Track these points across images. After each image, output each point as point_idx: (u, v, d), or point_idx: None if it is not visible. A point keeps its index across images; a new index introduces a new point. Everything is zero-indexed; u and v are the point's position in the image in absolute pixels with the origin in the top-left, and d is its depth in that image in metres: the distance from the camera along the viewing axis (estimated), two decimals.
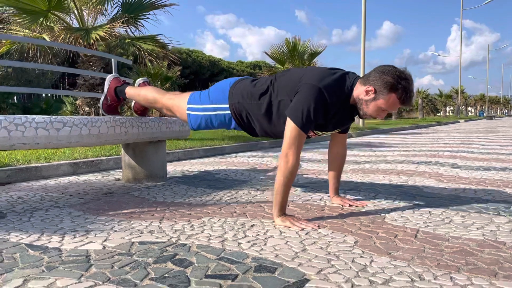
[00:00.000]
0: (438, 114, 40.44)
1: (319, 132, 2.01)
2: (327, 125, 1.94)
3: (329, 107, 1.83)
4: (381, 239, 1.61)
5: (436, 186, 2.81)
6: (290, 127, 1.80)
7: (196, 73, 34.51)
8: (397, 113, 23.19)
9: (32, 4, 5.29)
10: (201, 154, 4.95)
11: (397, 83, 1.78)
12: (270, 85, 1.97)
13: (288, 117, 1.82)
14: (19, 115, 2.10)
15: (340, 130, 2.11)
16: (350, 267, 1.32)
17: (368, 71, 1.91)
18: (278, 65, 10.69)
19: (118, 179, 3.11)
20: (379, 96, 1.81)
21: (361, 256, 1.42)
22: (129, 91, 2.51)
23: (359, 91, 1.86)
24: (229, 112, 2.06)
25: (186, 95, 2.23)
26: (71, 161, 3.47)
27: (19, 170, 3.09)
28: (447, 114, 38.31)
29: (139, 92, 2.45)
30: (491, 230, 1.73)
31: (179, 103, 2.23)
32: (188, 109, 2.18)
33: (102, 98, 2.63)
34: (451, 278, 1.23)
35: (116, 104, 2.66)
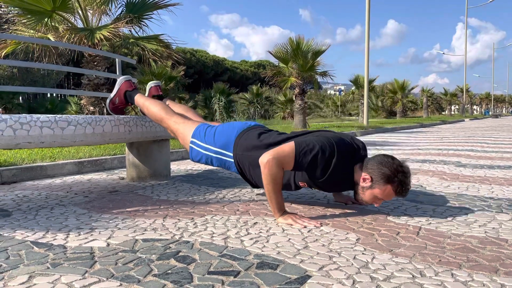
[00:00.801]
0: (443, 112, 40.30)
1: (315, 188, 2.04)
2: (325, 187, 1.99)
3: (331, 168, 1.81)
4: (383, 237, 1.62)
5: (440, 184, 2.80)
6: (286, 146, 1.82)
7: (200, 73, 34.60)
8: (402, 112, 23.14)
9: (36, 4, 5.33)
10: None
11: (394, 175, 1.79)
12: (278, 143, 1.94)
13: (292, 141, 1.84)
14: (24, 114, 2.12)
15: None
16: (352, 264, 1.32)
17: (369, 158, 1.91)
18: (282, 64, 10.69)
19: (123, 178, 3.13)
20: (375, 185, 1.82)
21: (362, 253, 1.43)
22: (139, 100, 2.51)
23: (357, 175, 1.88)
24: (231, 160, 2.08)
25: (192, 126, 2.23)
26: (76, 160, 3.50)
27: (24, 169, 3.12)
28: (452, 112, 38.16)
29: (149, 106, 2.42)
30: (494, 228, 1.73)
31: (184, 131, 2.24)
32: (192, 142, 2.19)
33: (111, 97, 2.63)
34: (452, 274, 1.24)
35: (123, 106, 2.68)
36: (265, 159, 1.79)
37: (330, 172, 1.82)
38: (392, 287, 1.15)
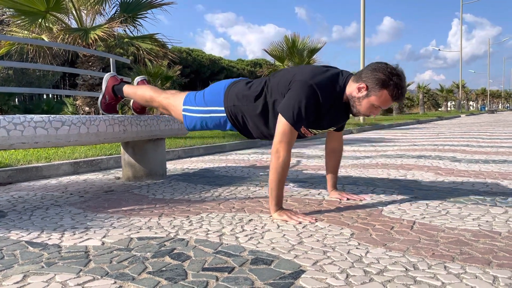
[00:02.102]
0: (439, 109, 40.39)
1: (314, 131, 2.01)
2: (321, 123, 1.95)
3: (321, 105, 1.84)
4: (377, 231, 1.62)
5: (434, 179, 2.82)
6: (281, 123, 1.82)
7: (196, 72, 34.54)
8: (398, 108, 23.17)
9: (30, 5, 5.31)
10: (201, 152, 4.97)
11: (389, 79, 1.79)
12: (265, 86, 1.98)
13: (279, 113, 1.83)
14: (18, 115, 2.12)
15: (335, 128, 2.12)
16: (346, 258, 1.33)
17: (362, 69, 1.92)
18: (277, 63, 10.69)
19: (118, 178, 3.13)
20: (371, 93, 1.82)
21: (357, 248, 1.43)
22: (127, 89, 2.53)
23: (351, 88, 1.87)
24: (224, 115, 2.08)
25: (182, 95, 2.24)
26: (71, 161, 3.49)
27: (20, 170, 3.11)
28: (449, 108, 38.25)
29: (136, 90, 2.46)
30: (487, 221, 1.74)
31: (175, 103, 2.24)
32: (184, 110, 2.19)
33: (101, 97, 2.64)
34: (445, 267, 1.25)
35: (115, 102, 2.67)
36: (274, 150, 1.81)
37: (322, 109, 1.84)
38: (385, 280, 1.16)
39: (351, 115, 2.00)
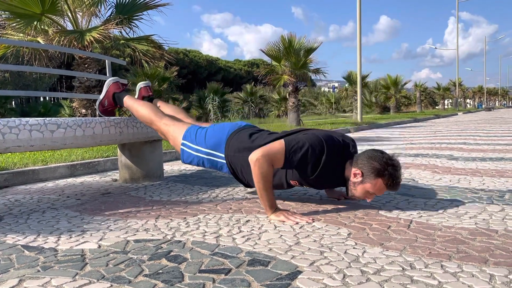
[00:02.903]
0: (436, 107, 40.48)
1: (306, 186, 2.04)
2: (316, 184, 1.99)
3: (321, 165, 1.82)
4: (374, 231, 1.62)
5: (432, 177, 2.82)
6: (276, 144, 1.83)
7: (193, 73, 34.52)
8: (395, 107, 23.21)
9: (25, 8, 5.29)
10: None
11: (384, 169, 1.80)
12: (271, 141, 1.95)
13: (282, 139, 1.85)
14: (13, 118, 2.11)
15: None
16: (343, 259, 1.33)
17: (359, 154, 1.91)
18: (274, 62, 10.69)
19: (115, 180, 3.12)
20: (366, 180, 1.83)
21: (353, 248, 1.43)
22: (128, 102, 2.49)
23: (348, 171, 1.89)
24: (223, 161, 2.08)
25: (183, 127, 2.22)
26: (68, 163, 3.48)
27: (16, 174, 3.10)
28: (446, 107, 38.32)
29: (137, 108, 2.40)
30: (484, 219, 1.75)
31: (174, 133, 2.22)
32: (183, 144, 2.18)
33: (99, 100, 2.62)
34: (442, 266, 1.25)
35: (112, 108, 2.66)
36: (255, 157, 1.79)
37: (320, 169, 1.83)
38: (382, 280, 1.16)
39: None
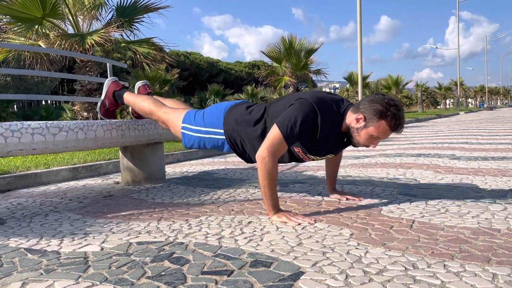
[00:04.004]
0: (438, 107, 40.41)
1: (312, 156, 2.01)
2: (320, 150, 1.95)
3: (319, 128, 1.82)
4: (376, 231, 1.62)
5: (434, 177, 2.82)
6: (272, 132, 1.81)
7: (194, 75, 34.55)
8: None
9: (26, 12, 5.31)
10: (200, 155, 4.96)
11: (386, 110, 1.79)
12: (265, 112, 1.98)
13: (275, 124, 1.83)
14: (15, 121, 2.12)
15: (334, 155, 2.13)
16: (345, 259, 1.33)
17: (360, 100, 1.92)
18: (275, 64, 10.70)
19: (117, 182, 3.12)
20: (369, 124, 1.82)
21: (356, 248, 1.43)
22: (128, 97, 2.51)
23: (350, 119, 1.88)
24: (222, 137, 2.08)
25: (182, 112, 2.23)
26: (70, 166, 3.49)
27: (18, 177, 3.11)
28: (447, 106, 38.27)
29: (137, 100, 2.43)
30: (486, 218, 1.74)
31: (174, 119, 2.23)
32: (183, 127, 2.19)
33: (100, 101, 2.64)
34: (444, 266, 1.25)
35: (114, 108, 2.67)
36: (260, 154, 1.80)
37: (320, 132, 1.83)
38: (384, 280, 1.15)
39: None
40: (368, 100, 1.85)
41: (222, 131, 2.07)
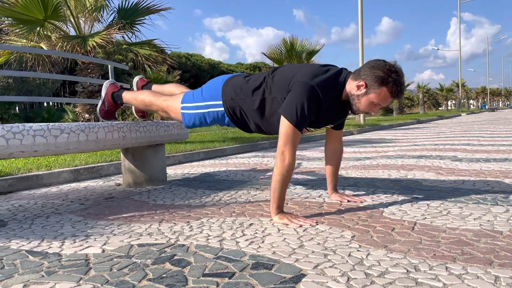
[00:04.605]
0: (440, 108, 40.37)
1: (312, 129, 2.01)
2: (319, 121, 1.95)
3: (322, 104, 1.84)
4: (378, 233, 1.62)
5: (435, 179, 2.81)
6: (284, 125, 1.81)
7: (196, 77, 34.58)
8: (399, 109, 23.16)
9: (28, 14, 5.32)
10: (201, 156, 4.96)
11: (388, 76, 1.79)
12: (263, 81, 1.98)
13: (282, 115, 1.83)
14: (16, 123, 2.12)
15: (333, 126, 2.12)
16: (347, 261, 1.33)
17: (361, 66, 1.92)
18: (276, 65, 10.70)
19: (119, 184, 3.12)
20: (370, 91, 1.82)
21: (357, 250, 1.43)
22: (126, 95, 2.52)
23: (350, 86, 1.88)
24: (222, 109, 2.08)
25: (180, 95, 2.25)
26: (72, 168, 3.49)
27: (20, 179, 3.11)
28: (449, 108, 38.21)
29: (136, 96, 2.46)
30: (488, 220, 1.74)
31: (173, 103, 2.24)
32: (182, 107, 2.19)
33: (100, 103, 2.64)
34: (446, 268, 1.24)
35: (114, 109, 2.68)
36: (280, 150, 1.80)
37: (322, 107, 1.84)
38: (386, 283, 1.15)
39: (350, 112, 2.00)
40: (369, 67, 1.84)
41: (221, 102, 2.07)
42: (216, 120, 2.13)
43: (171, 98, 2.28)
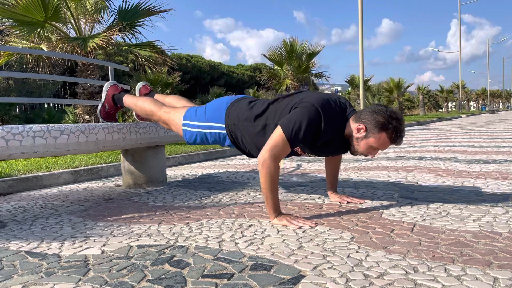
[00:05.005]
0: (440, 110, 40.37)
1: (312, 155, 2.02)
2: (320, 151, 1.96)
3: (322, 132, 1.82)
4: (377, 234, 1.62)
5: (435, 180, 2.81)
6: (276, 134, 1.80)
7: (196, 78, 34.59)
8: (399, 110, 23.16)
9: (28, 15, 5.33)
10: (201, 158, 4.97)
11: (388, 122, 1.80)
12: (267, 108, 1.97)
13: (278, 125, 1.82)
14: (16, 125, 2.12)
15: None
16: (346, 263, 1.33)
17: (362, 110, 1.91)
18: (277, 67, 10.71)
19: (119, 185, 3.12)
20: (370, 135, 1.82)
21: (357, 251, 1.43)
22: (127, 100, 2.52)
23: (351, 128, 1.88)
24: (224, 131, 2.07)
25: (183, 110, 2.23)
26: (72, 169, 3.50)
27: (20, 180, 3.11)
28: (449, 109, 38.22)
29: (136, 102, 2.45)
30: (488, 222, 1.74)
31: (175, 117, 2.23)
32: (184, 124, 2.19)
33: (100, 105, 2.65)
34: (445, 269, 1.24)
35: (114, 111, 2.68)
36: (262, 158, 1.79)
37: (321, 136, 1.83)
38: (385, 284, 1.15)
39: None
40: (370, 111, 1.84)
41: (224, 125, 2.07)
42: (217, 141, 2.13)
43: (173, 111, 2.26)
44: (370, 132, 1.82)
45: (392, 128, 1.80)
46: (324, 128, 1.81)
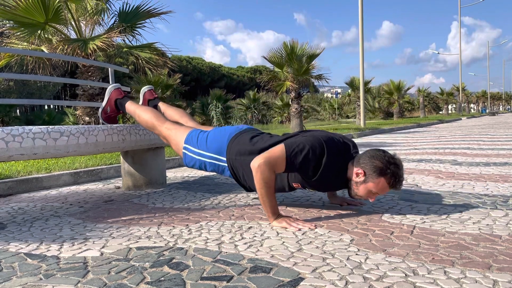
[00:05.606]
0: (440, 112, 40.37)
1: (312, 190, 2.05)
2: (319, 186, 1.97)
3: (322, 166, 1.82)
4: (377, 237, 1.62)
5: (435, 182, 2.81)
6: (277, 148, 1.83)
7: (197, 80, 34.62)
8: (399, 112, 23.16)
9: (29, 17, 5.33)
10: None
11: (386, 168, 1.80)
12: (270, 146, 1.94)
13: (282, 143, 1.84)
14: (16, 126, 2.12)
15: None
16: (345, 265, 1.32)
17: (361, 154, 1.91)
18: (277, 69, 10.70)
19: (118, 187, 3.12)
20: (368, 179, 1.82)
21: (356, 254, 1.43)
22: (129, 107, 2.51)
23: (350, 171, 1.88)
24: (225, 164, 2.07)
25: (185, 131, 2.22)
26: (71, 171, 3.49)
27: (20, 182, 3.11)
28: (449, 112, 38.22)
29: (139, 113, 2.42)
30: (488, 224, 1.74)
31: (176, 137, 2.23)
32: (184, 148, 2.18)
33: (102, 107, 2.64)
34: (445, 272, 1.24)
35: (115, 114, 2.68)
36: (256, 163, 1.79)
37: (321, 171, 1.82)
38: (385, 287, 1.15)
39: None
40: (369, 156, 1.85)
41: (224, 158, 2.07)
42: (216, 171, 2.14)
43: (174, 130, 2.25)
44: (368, 177, 1.82)
45: (390, 174, 1.80)
46: (325, 162, 1.81)
